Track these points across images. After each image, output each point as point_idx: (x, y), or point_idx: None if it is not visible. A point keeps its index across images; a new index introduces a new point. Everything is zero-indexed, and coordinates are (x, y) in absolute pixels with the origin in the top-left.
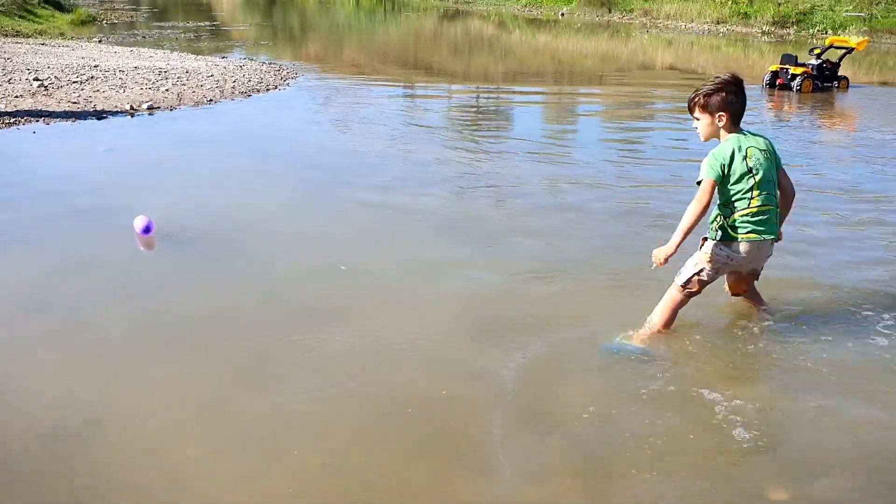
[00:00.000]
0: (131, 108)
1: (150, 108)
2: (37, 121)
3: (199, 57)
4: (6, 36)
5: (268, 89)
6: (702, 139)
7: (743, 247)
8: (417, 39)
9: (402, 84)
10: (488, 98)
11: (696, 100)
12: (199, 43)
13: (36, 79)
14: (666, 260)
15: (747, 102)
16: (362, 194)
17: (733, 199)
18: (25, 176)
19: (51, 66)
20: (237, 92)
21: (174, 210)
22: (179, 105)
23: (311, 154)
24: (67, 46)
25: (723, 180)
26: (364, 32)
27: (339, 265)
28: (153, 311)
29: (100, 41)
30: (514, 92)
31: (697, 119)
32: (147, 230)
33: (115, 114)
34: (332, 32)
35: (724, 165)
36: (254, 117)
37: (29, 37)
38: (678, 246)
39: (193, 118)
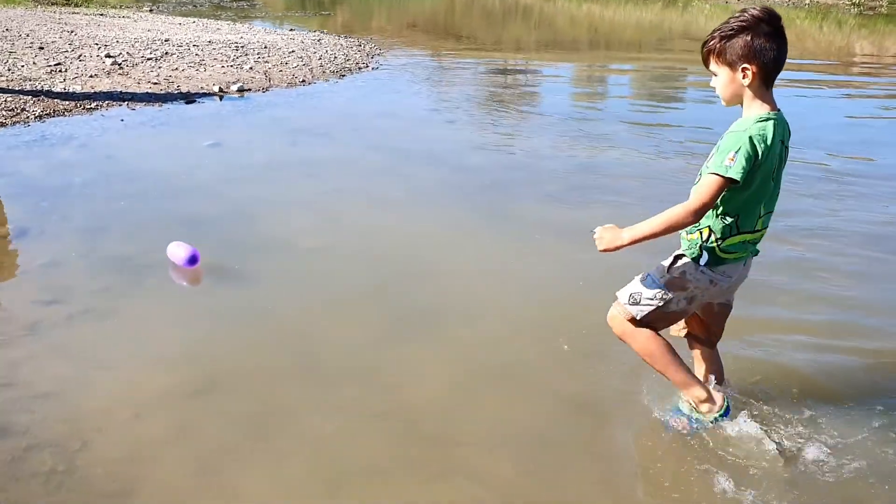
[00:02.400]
0: (220, 89)
1: (240, 89)
2: (119, 105)
3: (270, 30)
4: (57, 5)
5: (359, 68)
6: (724, 103)
7: (731, 269)
8: (494, 9)
9: (500, 60)
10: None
11: (712, 44)
12: (252, 12)
13: (108, 55)
14: (614, 249)
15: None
16: (541, 212)
17: (741, 213)
18: (131, 183)
19: (119, 41)
20: (328, 71)
21: (329, 235)
22: (271, 86)
23: (450, 152)
24: (128, 17)
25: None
26: (418, 1)
27: (562, 343)
28: (381, 405)
29: (151, 10)
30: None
31: (715, 74)
32: (193, 260)
33: (202, 96)
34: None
35: (758, 157)
36: (360, 103)
37: (79, 5)
38: (635, 242)
39: (293, 103)
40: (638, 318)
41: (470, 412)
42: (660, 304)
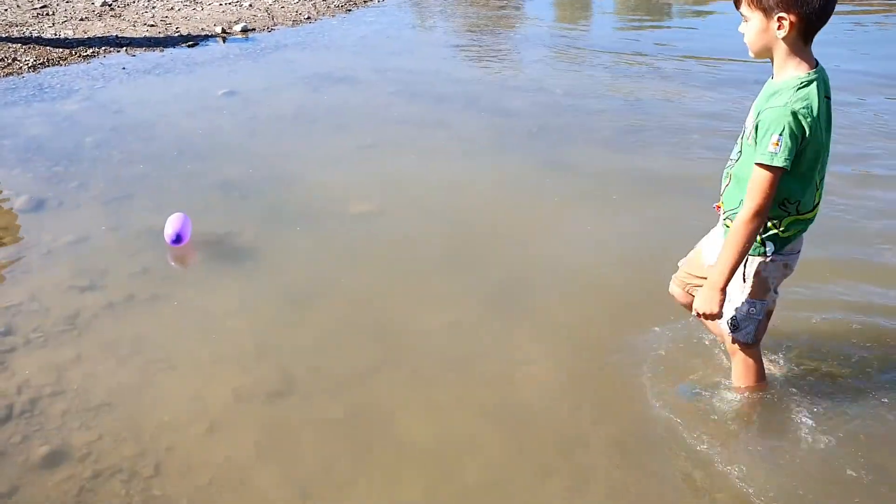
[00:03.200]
0: (222, 30)
1: (244, 30)
2: (117, 51)
3: None
4: None
5: (364, 1)
6: (752, 54)
7: (797, 244)
8: None
9: None
10: None
11: None
12: None
13: None
14: (718, 306)
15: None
16: (601, 161)
17: (798, 195)
18: (148, 142)
19: None
20: (332, 6)
21: (379, 198)
22: (275, 25)
23: (486, 94)
24: None
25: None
26: None
27: (664, 322)
28: (486, 402)
29: None
30: None
31: (746, 19)
32: (178, 240)
33: (204, 38)
34: None
35: (806, 134)
36: (375, 41)
37: None
38: (726, 282)
39: (303, 44)
40: (749, 342)
41: (587, 404)
42: (759, 318)
